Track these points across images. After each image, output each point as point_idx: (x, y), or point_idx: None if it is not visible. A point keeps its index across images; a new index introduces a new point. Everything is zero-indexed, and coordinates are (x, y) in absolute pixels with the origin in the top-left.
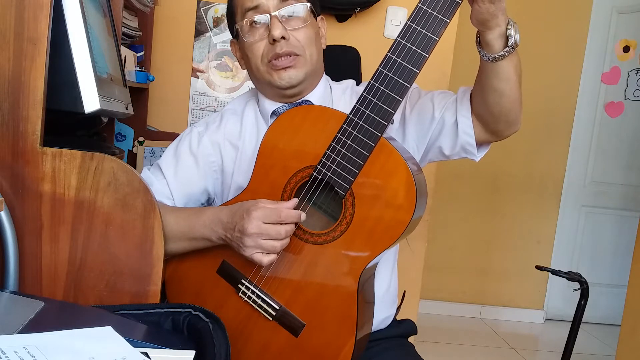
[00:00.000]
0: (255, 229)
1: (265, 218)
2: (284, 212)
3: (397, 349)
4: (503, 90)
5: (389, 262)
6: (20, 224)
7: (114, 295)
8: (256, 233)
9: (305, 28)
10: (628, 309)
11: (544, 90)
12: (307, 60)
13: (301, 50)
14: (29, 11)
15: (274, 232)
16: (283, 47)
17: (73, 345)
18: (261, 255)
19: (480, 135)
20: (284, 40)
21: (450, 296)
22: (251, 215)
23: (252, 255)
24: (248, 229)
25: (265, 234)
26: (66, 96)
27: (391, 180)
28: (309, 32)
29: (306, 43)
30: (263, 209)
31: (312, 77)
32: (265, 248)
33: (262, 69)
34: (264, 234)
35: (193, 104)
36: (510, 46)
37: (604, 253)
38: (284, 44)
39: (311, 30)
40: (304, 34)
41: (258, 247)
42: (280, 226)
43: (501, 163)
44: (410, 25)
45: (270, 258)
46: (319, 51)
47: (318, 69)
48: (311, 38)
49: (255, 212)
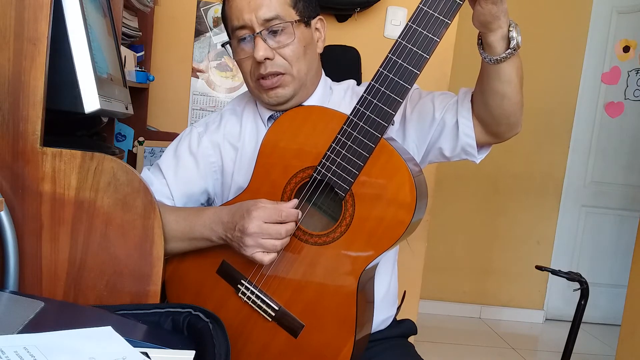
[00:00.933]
0: (256, 228)
1: (266, 217)
2: (285, 211)
3: (397, 349)
4: (504, 92)
5: (389, 263)
6: (20, 224)
7: (114, 295)
8: (257, 232)
9: (292, 44)
10: (628, 309)
11: (544, 90)
12: (295, 77)
13: (287, 69)
14: (29, 11)
15: (274, 232)
16: (267, 67)
17: (73, 345)
18: (262, 254)
19: (481, 137)
20: (269, 60)
21: (450, 296)
22: (252, 215)
23: (253, 254)
24: (249, 229)
25: (265, 233)
26: (66, 96)
27: (391, 181)
28: (297, 48)
29: (294, 60)
30: (263, 209)
31: (303, 89)
32: (266, 247)
33: (252, 85)
34: (264, 233)
35: (193, 104)
36: (512, 48)
37: (604, 253)
38: (268, 64)
39: (299, 45)
40: (290, 51)
41: (259, 246)
42: (281, 225)
43: (501, 163)
44: (411, 26)
45: (270, 257)
46: (310, 62)
47: (311, 78)
48: (299, 53)
49: (255, 211)
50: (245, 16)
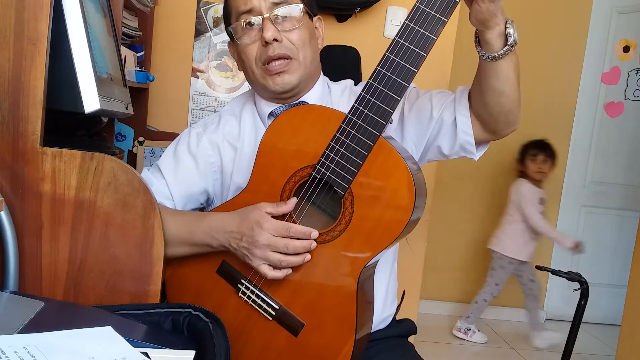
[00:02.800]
0: (266, 240)
1: (275, 231)
2: (293, 228)
3: (397, 349)
4: (502, 89)
5: (389, 262)
6: (20, 224)
7: (114, 295)
8: (266, 244)
9: (299, 29)
10: (628, 309)
11: (544, 90)
12: (301, 63)
13: (294, 53)
14: (29, 11)
15: (282, 245)
16: (276, 49)
17: (73, 345)
18: (267, 267)
19: (479, 134)
20: (277, 42)
21: (450, 296)
22: (263, 227)
23: (259, 266)
24: (258, 241)
25: (273, 245)
26: (66, 96)
27: (390, 180)
28: (303, 34)
29: (300, 45)
30: (273, 222)
31: (307, 79)
32: (271, 261)
33: (257, 72)
34: (272, 246)
35: (193, 104)
36: (510, 45)
37: (604, 253)
38: (276, 46)
39: (305, 31)
40: (297, 35)
41: (265, 259)
42: (289, 240)
43: (501, 163)
44: (408, 24)
45: (274, 274)
46: (313, 52)
47: (313, 70)
48: (305, 39)
49: (266, 223)
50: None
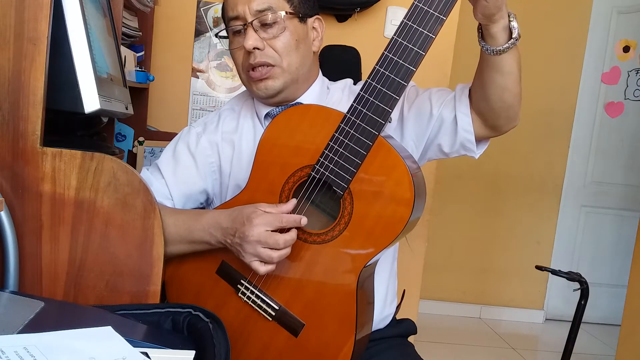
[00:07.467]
0: (256, 236)
1: (267, 225)
2: (285, 218)
3: (396, 349)
4: (505, 84)
5: (388, 261)
6: (20, 224)
7: (114, 295)
8: (256, 240)
9: (284, 36)
10: (628, 309)
11: (544, 90)
12: (285, 70)
13: (277, 61)
14: (29, 11)
15: (272, 241)
16: (257, 57)
17: (73, 345)
18: (259, 263)
19: (480, 130)
20: (259, 50)
21: (450, 296)
22: (252, 222)
23: (251, 262)
24: (249, 236)
25: (264, 241)
26: (66, 96)
27: (389, 179)
28: (288, 40)
29: (284, 52)
30: (263, 216)
31: (295, 84)
32: (262, 257)
33: (243, 77)
34: (262, 242)
35: (193, 104)
36: (515, 38)
37: (604, 253)
38: (257, 54)
39: (291, 37)
40: (281, 42)
41: (256, 255)
42: (279, 235)
43: (501, 163)
44: (407, 23)
45: (266, 268)
46: (302, 57)
47: (304, 74)
48: (290, 46)
49: (256, 219)
50: (239, 7)
